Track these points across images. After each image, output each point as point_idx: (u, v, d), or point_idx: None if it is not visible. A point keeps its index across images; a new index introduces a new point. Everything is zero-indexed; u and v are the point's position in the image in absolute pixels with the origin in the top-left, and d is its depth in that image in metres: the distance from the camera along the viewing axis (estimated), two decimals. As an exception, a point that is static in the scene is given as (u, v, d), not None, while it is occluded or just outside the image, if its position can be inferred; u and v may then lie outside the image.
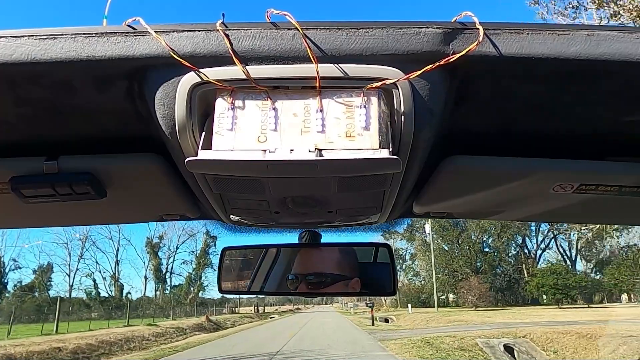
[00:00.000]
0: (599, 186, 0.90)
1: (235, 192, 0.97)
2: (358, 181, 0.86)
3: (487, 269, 41.71)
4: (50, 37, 0.64)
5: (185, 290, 46.55)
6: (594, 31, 0.64)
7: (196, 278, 47.69)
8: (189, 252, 49.83)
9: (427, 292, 43.28)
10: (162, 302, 42.47)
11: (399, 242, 47.06)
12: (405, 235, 45.59)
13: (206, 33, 0.65)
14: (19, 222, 1.27)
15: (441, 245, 44.20)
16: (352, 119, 0.66)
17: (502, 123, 0.83)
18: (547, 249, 45.60)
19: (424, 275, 46.10)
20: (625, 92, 0.71)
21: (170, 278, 47.56)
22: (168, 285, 47.30)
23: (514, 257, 44.99)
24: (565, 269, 37.59)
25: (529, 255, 45.13)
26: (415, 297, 43.86)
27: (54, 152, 0.84)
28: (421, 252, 45.08)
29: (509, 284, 41.48)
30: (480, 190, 0.99)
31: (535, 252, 45.45)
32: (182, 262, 50.18)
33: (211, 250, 47.98)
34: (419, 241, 45.64)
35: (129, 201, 1.07)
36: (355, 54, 0.65)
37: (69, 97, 0.72)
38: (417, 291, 45.32)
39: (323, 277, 1.40)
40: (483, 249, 44.38)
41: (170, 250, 47.70)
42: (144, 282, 45.99)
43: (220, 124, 0.67)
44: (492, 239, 44.05)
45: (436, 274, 39.83)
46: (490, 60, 0.64)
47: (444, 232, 43.75)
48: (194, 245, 49.27)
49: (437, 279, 39.56)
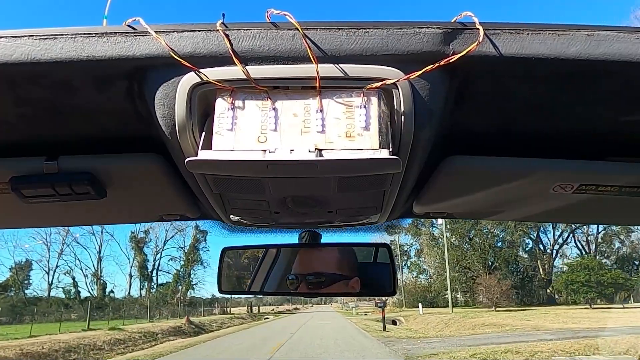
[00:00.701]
0: (599, 186, 0.90)
1: (235, 192, 0.97)
2: (358, 181, 0.86)
3: (502, 266, 37.66)
4: (50, 37, 0.64)
5: (172, 289, 43.95)
6: (594, 31, 0.64)
7: (185, 276, 44.98)
8: (177, 248, 47.47)
9: (435, 290, 40.66)
10: (147, 301, 39.40)
11: (403, 237, 44.22)
12: (410, 229, 41.90)
13: (206, 33, 0.65)
14: (19, 222, 1.27)
15: (450, 239, 39.18)
16: (352, 119, 0.66)
17: (502, 123, 0.83)
18: (565, 244, 41.83)
19: (431, 272, 42.89)
20: (625, 92, 0.71)
21: (157, 276, 45.07)
22: (154, 283, 44.75)
23: (528, 253, 41.37)
24: (599, 263, 32.58)
25: (544, 251, 41.67)
26: (421, 296, 40.88)
27: (54, 152, 0.84)
28: (429, 248, 41.86)
29: (522, 282, 37.78)
30: (480, 190, 0.99)
31: (552, 247, 41.68)
32: (170, 258, 46.90)
33: (201, 246, 45.74)
34: (426, 236, 42.23)
35: (129, 201, 1.07)
36: (355, 54, 0.65)
37: (69, 97, 0.72)
38: (424, 290, 42.22)
39: (323, 277, 1.40)
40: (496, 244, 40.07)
41: (158, 246, 45.06)
42: (128, 280, 43.53)
43: (220, 124, 0.67)
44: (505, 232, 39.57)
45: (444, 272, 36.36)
46: (490, 60, 0.64)
47: (454, 225, 38.63)
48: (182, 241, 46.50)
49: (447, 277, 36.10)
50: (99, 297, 39.68)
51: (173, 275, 44.84)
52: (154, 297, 41.69)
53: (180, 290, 44.15)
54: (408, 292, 42.46)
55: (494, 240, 39.95)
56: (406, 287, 42.75)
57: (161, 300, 40.89)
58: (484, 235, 39.63)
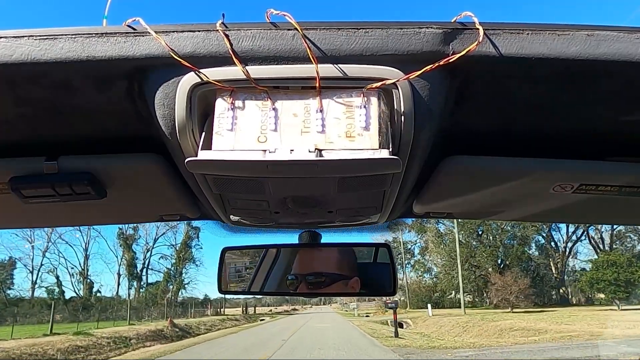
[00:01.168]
0: (599, 186, 0.91)
1: (235, 192, 0.97)
2: (358, 181, 0.86)
3: (514, 264, 34.46)
4: (50, 37, 0.64)
5: (162, 289, 41.18)
6: (594, 31, 0.64)
7: (175, 274, 42.38)
8: (168, 246, 44.51)
9: (441, 290, 38.61)
10: (133, 302, 37.79)
11: (406, 234, 41.59)
12: (414, 226, 38.88)
13: (206, 33, 0.65)
14: (19, 222, 1.27)
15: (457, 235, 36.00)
16: (352, 119, 0.66)
17: (502, 123, 0.83)
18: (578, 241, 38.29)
19: (437, 271, 40.31)
20: (625, 92, 0.71)
21: (147, 274, 42.53)
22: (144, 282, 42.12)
23: (540, 250, 38.62)
24: (629, 259, 28.38)
25: (556, 249, 38.71)
26: (426, 296, 38.67)
27: (54, 152, 0.84)
28: (434, 245, 39.09)
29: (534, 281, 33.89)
30: (480, 190, 0.99)
31: (565, 244, 38.42)
32: (160, 256, 44.52)
33: (193, 244, 43.19)
34: (431, 232, 39.39)
35: (129, 201, 1.07)
36: (355, 54, 0.65)
37: (69, 97, 0.72)
38: (430, 290, 39.87)
39: (323, 277, 1.40)
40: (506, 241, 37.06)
41: (148, 243, 42.44)
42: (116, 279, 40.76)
43: (220, 124, 0.67)
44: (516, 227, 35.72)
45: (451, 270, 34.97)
46: (490, 60, 0.64)
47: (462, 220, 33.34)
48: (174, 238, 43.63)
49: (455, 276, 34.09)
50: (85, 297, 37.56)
51: (163, 274, 42.61)
52: (142, 298, 40.06)
53: (171, 290, 42.08)
54: (412, 292, 40.50)
55: (505, 236, 37.01)
56: (410, 286, 41.11)
57: (150, 301, 38.72)
58: (493, 231, 36.95)
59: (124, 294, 40.94)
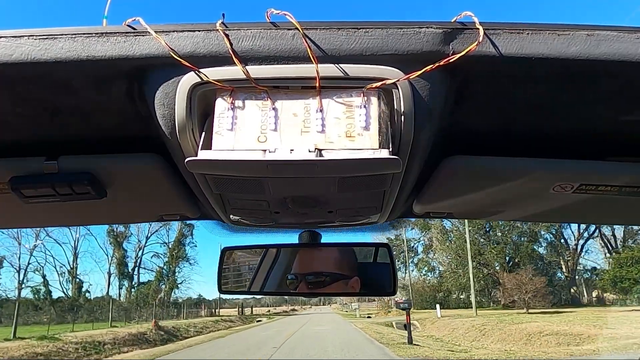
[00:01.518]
0: (599, 186, 0.91)
1: (235, 192, 0.97)
2: (358, 181, 0.86)
3: (525, 262, 32.63)
4: (50, 37, 0.64)
5: (154, 288, 39.16)
6: (594, 31, 0.64)
7: (168, 273, 40.33)
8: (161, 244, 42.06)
9: (447, 289, 37.05)
10: (127, 302, 36.16)
11: (409, 232, 39.87)
12: (417, 223, 36.47)
13: (206, 33, 0.65)
14: (19, 222, 1.27)
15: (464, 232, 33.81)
16: (352, 119, 0.66)
17: (502, 123, 0.83)
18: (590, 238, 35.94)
19: (442, 269, 38.51)
20: (626, 91, 0.71)
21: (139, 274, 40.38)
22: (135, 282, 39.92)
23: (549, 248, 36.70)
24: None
25: (566, 247, 36.57)
26: (431, 296, 37.30)
27: (54, 152, 0.84)
28: (440, 242, 37.52)
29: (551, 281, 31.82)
30: (480, 190, 0.99)
31: (577, 242, 36.10)
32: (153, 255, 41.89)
33: (187, 241, 41.13)
34: (436, 229, 37.54)
35: (129, 201, 1.07)
36: (355, 54, 0.65)
37: (69, 97, 0.72)
38: (434, 289, 38.17)
39: (323, 276, 1.40)
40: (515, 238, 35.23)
41: (140, 241, 40.34)
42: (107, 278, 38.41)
43: (220, 124, 0.67)
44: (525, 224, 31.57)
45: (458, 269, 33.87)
46: (491, 60, 0.64)
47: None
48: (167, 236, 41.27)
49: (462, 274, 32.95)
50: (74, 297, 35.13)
51: (156, 273, 40.44)
52: (133, 298, 38.01)
53: (163, 290, 39.94)
54: (416, 291, 38.28)
55: (515, 233, 34.87)
56: (414, 286, 39.52)
57: (142, 301, 36.62)
58: (502, 227, 34.68)
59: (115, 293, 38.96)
